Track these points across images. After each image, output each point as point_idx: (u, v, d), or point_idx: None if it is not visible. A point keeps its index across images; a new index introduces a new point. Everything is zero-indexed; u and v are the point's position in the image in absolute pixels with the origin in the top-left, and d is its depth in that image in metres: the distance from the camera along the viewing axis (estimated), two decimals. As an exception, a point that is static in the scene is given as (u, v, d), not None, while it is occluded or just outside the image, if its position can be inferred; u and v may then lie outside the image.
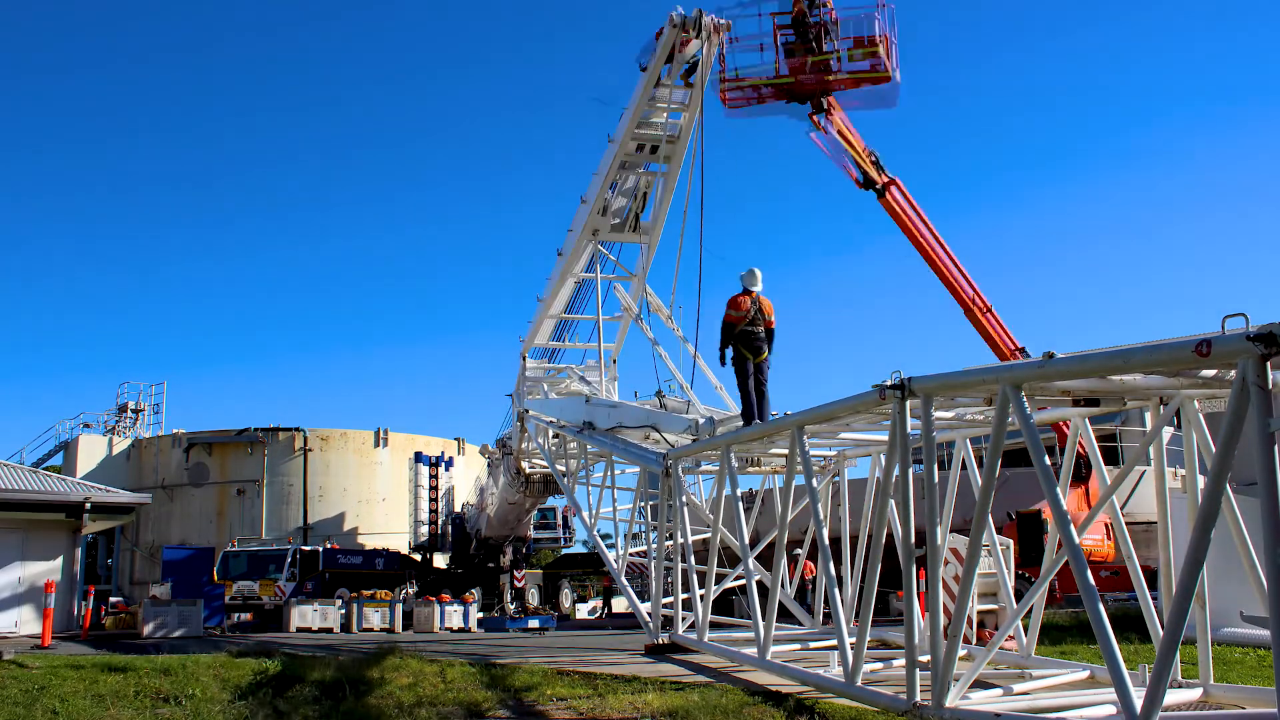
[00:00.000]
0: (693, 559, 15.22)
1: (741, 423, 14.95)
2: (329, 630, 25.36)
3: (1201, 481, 7.86)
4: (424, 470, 35.95)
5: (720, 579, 16.60)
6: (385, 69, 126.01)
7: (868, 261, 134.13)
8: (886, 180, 19.62)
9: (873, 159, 19.57)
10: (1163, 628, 7.60)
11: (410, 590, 30.53)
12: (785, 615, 16.58)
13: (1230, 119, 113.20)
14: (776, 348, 15.20)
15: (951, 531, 13.24)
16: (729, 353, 14.72)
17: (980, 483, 9.35)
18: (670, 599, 16.03)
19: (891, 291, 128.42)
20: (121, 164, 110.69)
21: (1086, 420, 9.99)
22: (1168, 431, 10.66)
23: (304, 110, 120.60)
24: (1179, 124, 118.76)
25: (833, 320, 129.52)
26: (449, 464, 36.95)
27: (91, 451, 41.13)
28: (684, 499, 15.75)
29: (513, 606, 32.87)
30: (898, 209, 19.84)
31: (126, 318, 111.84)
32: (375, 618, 26.24)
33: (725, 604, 23.86)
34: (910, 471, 9.28)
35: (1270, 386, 6.31)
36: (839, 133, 19.28)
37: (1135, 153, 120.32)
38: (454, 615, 27.13)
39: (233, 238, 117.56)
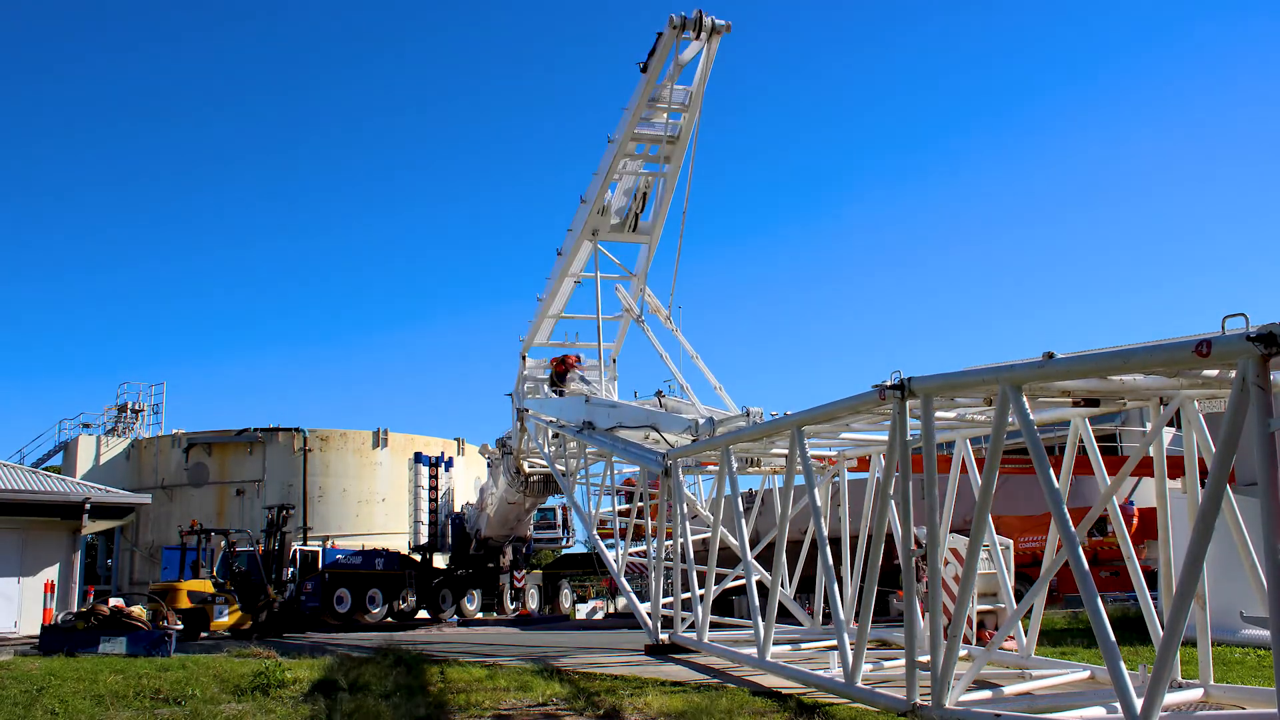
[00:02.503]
0: (693, 559, 15.22)
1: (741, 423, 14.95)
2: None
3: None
4: (424, 470, 35.84)
5: (720, 579, 16.60)
6: (387, 66, 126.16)
7: (867, 259, 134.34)
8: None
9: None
10: (1163, 628, 7.59)
11: (410, 592, 30.54)
12: (785, 615, 16.57)
13: (1235, 117, 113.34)
14: (777, 346, 15.38)
15: (951, 531, 13.24)
16: None
17: (980, 483, 9.34)
18: (670, 599, 16.03)
19: (891, 290, 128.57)
20: (119, 162, 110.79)
21: (1086, 420, 9.99)
22: (1168, 432, 10.66)
23: (304, 108, 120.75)
24: (1182, 124, 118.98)
25: (832, 318, 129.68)
26: (449, 464, 36.84)
27: (91, 452, 41.15)
28: (684, 499, 15.75)
29: (512, 607, 32.84)
30: None
31: (126, 318, 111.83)
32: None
33: (725, 604, 23.87)
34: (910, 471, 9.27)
35: (1270, 387, 6.31)
36: None
37: (1138, 151, 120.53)
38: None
39: (232, 237, 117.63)
